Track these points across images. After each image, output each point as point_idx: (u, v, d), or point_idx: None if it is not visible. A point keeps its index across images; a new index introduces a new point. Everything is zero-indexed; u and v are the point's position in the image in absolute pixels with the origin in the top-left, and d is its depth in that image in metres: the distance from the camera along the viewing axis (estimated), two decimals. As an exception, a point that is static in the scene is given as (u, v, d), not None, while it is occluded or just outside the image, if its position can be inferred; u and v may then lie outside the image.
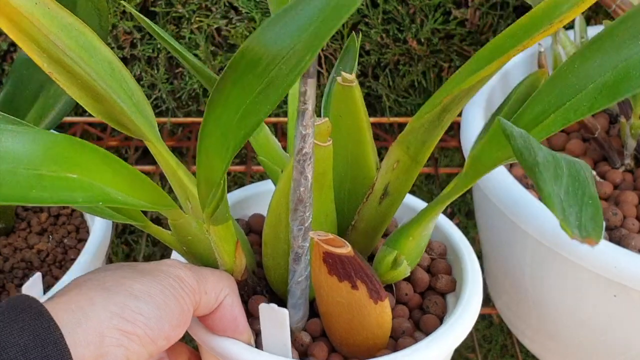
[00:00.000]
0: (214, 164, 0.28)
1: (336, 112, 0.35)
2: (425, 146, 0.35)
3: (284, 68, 0.26)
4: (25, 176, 0.25)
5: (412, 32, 0.64)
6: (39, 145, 0.26)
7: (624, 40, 0.27)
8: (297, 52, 0.25)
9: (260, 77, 0.26)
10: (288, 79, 0.26)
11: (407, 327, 0.38)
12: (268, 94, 0.26)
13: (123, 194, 0.27)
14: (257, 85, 0.26)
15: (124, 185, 0.28)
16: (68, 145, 0.27)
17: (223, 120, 0.27)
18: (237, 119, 0.27)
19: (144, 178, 0.29)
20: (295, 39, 0.26)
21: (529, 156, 0.25)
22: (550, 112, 0.29)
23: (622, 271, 0.38)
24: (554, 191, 0.23)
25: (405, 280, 0.40)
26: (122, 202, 0.27)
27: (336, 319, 0.36)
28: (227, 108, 0.27)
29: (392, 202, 0.37)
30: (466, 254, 0.40)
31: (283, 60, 0.26)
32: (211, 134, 0.28)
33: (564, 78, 0.29)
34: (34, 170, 0.26)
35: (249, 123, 0.27)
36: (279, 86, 0.26)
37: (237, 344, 0.34)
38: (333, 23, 0.25)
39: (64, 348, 0.26)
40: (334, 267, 0.33)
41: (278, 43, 0.26)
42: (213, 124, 0.28)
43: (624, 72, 0.27)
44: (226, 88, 0.27)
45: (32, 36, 0.29)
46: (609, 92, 0.27)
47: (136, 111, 0.32)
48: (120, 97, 0.31)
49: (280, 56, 0.26)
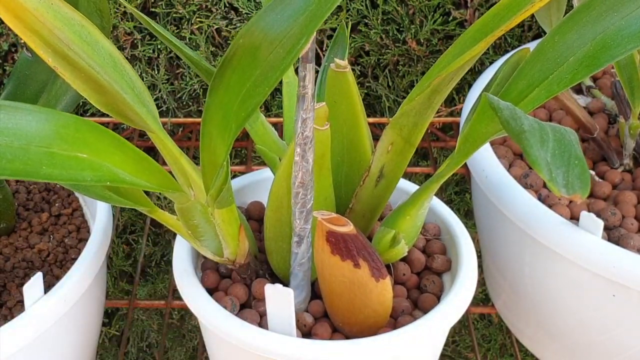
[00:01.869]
0: (217, 146, 0.29)
1: (331, 98, 0.37)
2: (417, 128, 0.36)
3: (281, 51, 0.27)
4: (37, 153, 0.26)
5: (412, 32, 0.65)
6: (51, 124, 0.27)
7: (600, 13, 0.29)
8: (294, 35, 0.27)
9: (259, 61, 0.28)
10: (285, 62, 0.27)
11: (405, 306, 0.39)
12: (267, 76, 0.27)
13: (131, 175, 0.28)
14: (257, 69, 0.28)
15: (132, 167, 0.29)
16: (79, 125, 0.28)
17: (225, 104, 0.29)
18: (238, 102, 0.28)
19: (151, 162, 0.30)
20: (292, 23, 0.27)
21: (515, 125, 0.26)
22: (535, 86, 0.30)
23: (621, 271, 0.39)
24: (541, 155, 0.25)
25: (402, 261, 0.41)
26: (130, 182, 0.28)
27: (338, 299, 0.37)
28: (229, 92, 0.28)
29: (387, 184, 0.38)
30: (460, 234, 0.41)
31: (280, 44, 0.27)
32: (213, 118, 0.29)
33: (545, 52, 0.30)
34: (45, 147, 0.26)
35: (249, 105, 0.28)
36: (277, 69, 0.27)
37: (243, 325, 0.35)
38: (327, 7, 0.26)
39: None
40: (337, 246, 0.34)
41: (275, 27, 0.27)
42: (215, 108, 0.29)
43: (602, 43, 0.28)
44: (227, 73, 0.29)
45: (37, 31, 0.30)
46: (589, 63, 0.28)
47: (138, 102, 0.33)
48: (123, 89, 0.32)
49: (277, 40, 0.27)
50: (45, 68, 0.43)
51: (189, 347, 0.77)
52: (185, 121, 0.69)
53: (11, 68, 0.66)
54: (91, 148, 0.28)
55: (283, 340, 0.35)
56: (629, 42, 0.28)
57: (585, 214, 0.41)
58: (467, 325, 0.74)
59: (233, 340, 0.35)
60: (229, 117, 0.29)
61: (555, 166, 0.25)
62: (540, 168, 0.24)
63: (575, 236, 0.40)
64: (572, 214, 0.44)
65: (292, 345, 0.34)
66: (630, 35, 0.28)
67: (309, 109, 0.31)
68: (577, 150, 0.25)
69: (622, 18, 0.29)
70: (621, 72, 0.44)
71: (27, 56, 0.43)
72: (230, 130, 0.29)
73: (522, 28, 0.67)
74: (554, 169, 0.25)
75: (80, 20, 0.31)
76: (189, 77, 0.68)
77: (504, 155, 0.48)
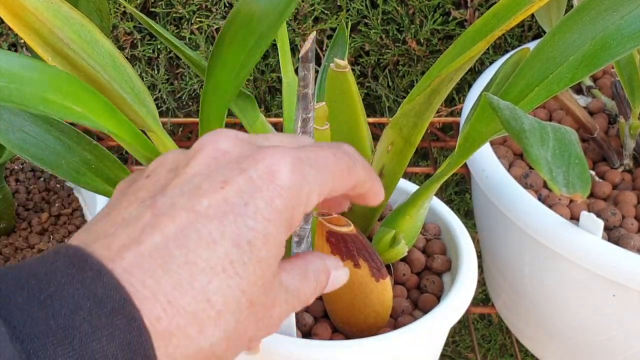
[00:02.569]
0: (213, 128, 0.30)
1: (330, 98, 0.37)
2: (417, 128, 0.36)
3: (272, 18, 0.27)
4: (33, 95, 0.25)
5: (412, 32, 0.65)
6: (47, 76, 0.26)
7: (599, 13, 0.29)
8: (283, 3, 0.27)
9: (252, 32, 0.28)
10: (274, 28, 0.27)
11: (406, 306, 0.39)
12: (259, 46, 0.28)
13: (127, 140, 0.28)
14: (251, 40, 0.28)
15: (127, 135, 0.28)
16: (75, 83, 0.26)
17: (221, 83, 0.29)
18: (232, 78, 0.29)
19: (145, 138, 0.31)
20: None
21: (515, 124, 0.26)
22: (534, 85, 0.30)
23: (621, 271, 0.39)
24: (541, 154, 0.25)
25: (402, 261, 0.41)
26: (129, 143, 0.28)
27: (338, 299, 0.37)
28: (224, 70, 0.29)
29: (387, 184, 0.38)
30: (460, 234, 0.41)
31: (273, 12, 0.27)
32: (211, 101, 0.30)
33: (545, 52, 0.30)
34: (41, 93, 0.25)
35: (241, 77, 0.28)
36: (269, 37, 0.27)
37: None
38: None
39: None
40: (337, 245, 0.34)
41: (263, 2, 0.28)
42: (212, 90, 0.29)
43: (602, 43, 0.28)
44: (223, 50, 0.29)
45: (37, 30, 0.30)
46: (589, 62, 0.28)
47: (138, 102, 0.33)
48: (122, 89, 0.32)
49: (270, 8, 0.28)
50: (45, 68, 0.43)
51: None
52: (185, 121, 0.69)
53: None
54: (86, 105, 0.27)
55: (283, 340, 0.35)
56: (629, 41, 0.28)
57: (585, 214, 0.41)
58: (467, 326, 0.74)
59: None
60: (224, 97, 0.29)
61: (556, 165, 0.25)
62: (540, 167, 0.24)
63: (576, 236, 0.40)
64: (572, 214, 0.44)
65: (292, 345, 0.34)
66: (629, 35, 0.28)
67: (309, 109, 0.31)
68: (578, 149, 0.25)
69: (622, 17, 0.29)
70: (621, 72, 0.44)
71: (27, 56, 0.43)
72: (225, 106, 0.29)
73: (522, 28, 0.67)
74: (555, 168, 0.25)
75: (80, 19, 0.31)
76: (188, 77, 0.68)
77: (504, 155, 0.48)
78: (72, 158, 0.34)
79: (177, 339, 0.22)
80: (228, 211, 0.23)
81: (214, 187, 0.23)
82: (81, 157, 0.35)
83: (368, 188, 0.28)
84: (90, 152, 0.35)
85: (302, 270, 0.27)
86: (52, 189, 0.53)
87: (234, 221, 0.23)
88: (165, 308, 0.22)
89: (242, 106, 0.40)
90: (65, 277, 0.21)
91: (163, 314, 0.22)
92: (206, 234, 0.23)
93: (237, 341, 0.24)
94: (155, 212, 0.23)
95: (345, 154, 0.27)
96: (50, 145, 0.34)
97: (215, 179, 0.24)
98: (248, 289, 0.24)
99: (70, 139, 0.34)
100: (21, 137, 0.33)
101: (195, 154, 0.25)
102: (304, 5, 0.64)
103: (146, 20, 0.37)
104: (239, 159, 0.24)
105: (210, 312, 0.23)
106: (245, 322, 0.24)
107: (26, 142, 0.33)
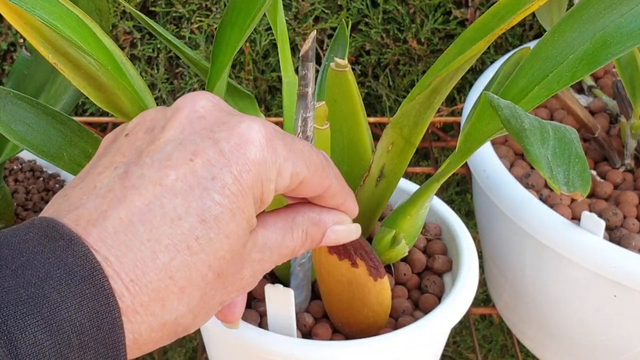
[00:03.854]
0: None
1: (330, 97, 0.37)
2: (417, 128, 0.36)
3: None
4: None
5: (412, 32, 0.65)
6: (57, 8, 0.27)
7: (599, 11, 0.29)
8: None
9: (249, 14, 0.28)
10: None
11: (406, 306, 0.39)
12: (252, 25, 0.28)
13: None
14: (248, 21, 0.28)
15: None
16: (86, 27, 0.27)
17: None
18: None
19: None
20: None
21: (516, 123, 0.26)
22: (535, 84, 0.30)
23: (622, 271, 0.39)
24: (542, 153, 0.25)
25: (403, 261, 0.41)
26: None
27: (337, 298, 0.37)
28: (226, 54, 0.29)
29: (388, 184, 0.38)
30: (461, 234, 0.41)
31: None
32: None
33: (545, 51, 0.30)
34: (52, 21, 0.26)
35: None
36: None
37: (243, 325, 0.35)
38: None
39: (121, 334, 0.22)
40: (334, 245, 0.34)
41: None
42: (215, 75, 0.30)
43: (601, 41, 0.28)
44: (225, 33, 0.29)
45: (38, 28, 0.30)
46: (589, 61, 0.28)
47: (138, 99, 0.33)
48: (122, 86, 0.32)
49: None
50: (44, 67, 0.44)
51: (188, 347, 0.77)
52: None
53: (10, 67, 0.66)
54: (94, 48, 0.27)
55: (283, 340, 0.35)
56: (629, 39, 0.28)
57: (586, 214, 0.41)
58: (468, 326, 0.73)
59: (233, 340, 0.35)
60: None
61: (556, 164, 0.25)
62: (540, 166, 0.24)
63: (577, 236, 0.40)
64: (574, 214, 0.44)
65: (293, 345, 0.34)
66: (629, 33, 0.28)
67: (309, 108, 0.31)
68: (578, 148, 0.25)
69: (621, 16, 0.29)
70: (622, 71, 0.44)
71: (26, 55, 0.44)
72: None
73: (523, 27, 0.67)
74: (555, 167, 0.24)
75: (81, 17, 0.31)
76: (188, 76, 0.68)
77: (505, 155, 0.48)
78: (74, 150, 0.34)
79: (141, 315, 0.23)
80: (194, 185, 0.23)
81: (183, 158, 0.24)
82: (82, 150, 0.35)
83: (340, 203, 0.28)
84: (92, 145, 0.35)
85: (288, 222, 0.27)
86: (51, 189, 0.53)
87: (199, 196, 0.23)
88: (127, 286, 0.22)
89: (242, 105, 0.40)
90: (38, 246, 0.22)
91: (126, 292, 0.22)
92: (171, 210, 0.23)
93: (205, 309, 0.24)
94: (125, 183, 0.23)
95: (322, 155, 0.27)
96: (52, 138, 0.34)
97: (186, 148, 0.24)
98: (215, 263, 0.24)
99: (72, 132, 0.35)
100: (23, 129, 0.34)
101: (173, 114, 0.25)
102: (304, 4, 0.65)
103: (146, 19, 0.37)
104: (214, 126, 0.24)
105: (174, 289, 0.23)
106: (212, 291, 0.24)
107: (28, 134, 0.34)
